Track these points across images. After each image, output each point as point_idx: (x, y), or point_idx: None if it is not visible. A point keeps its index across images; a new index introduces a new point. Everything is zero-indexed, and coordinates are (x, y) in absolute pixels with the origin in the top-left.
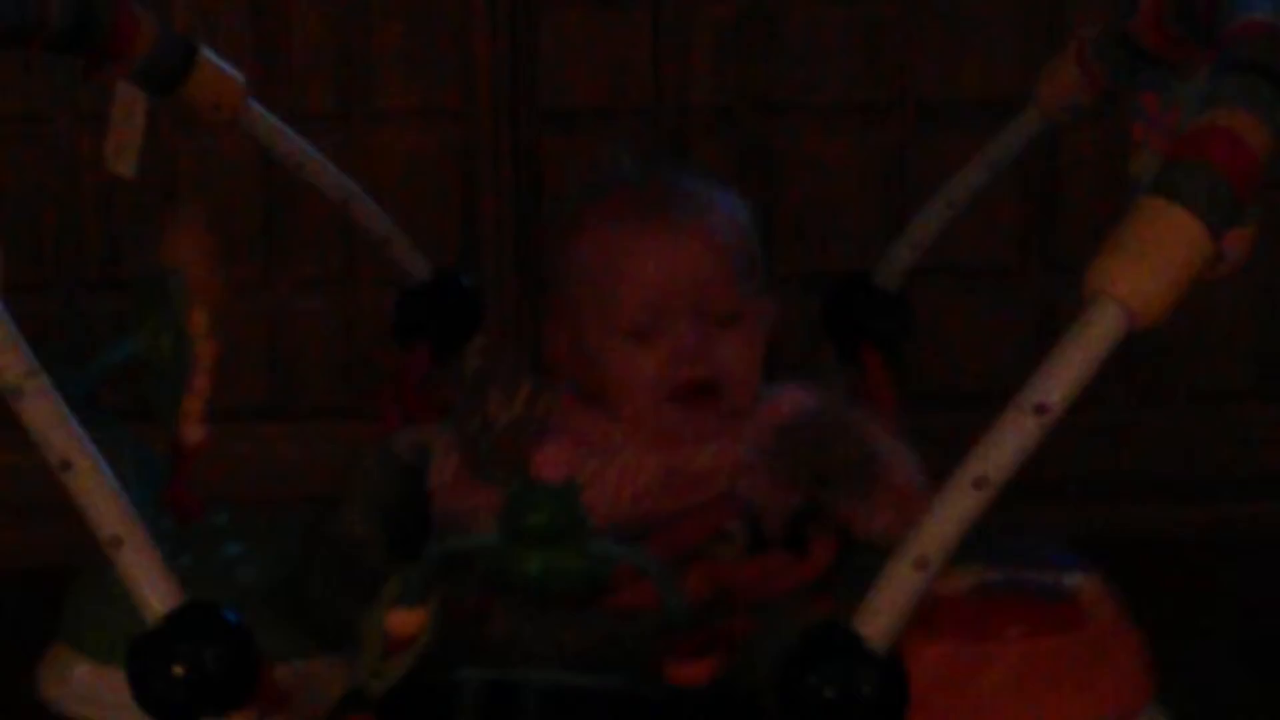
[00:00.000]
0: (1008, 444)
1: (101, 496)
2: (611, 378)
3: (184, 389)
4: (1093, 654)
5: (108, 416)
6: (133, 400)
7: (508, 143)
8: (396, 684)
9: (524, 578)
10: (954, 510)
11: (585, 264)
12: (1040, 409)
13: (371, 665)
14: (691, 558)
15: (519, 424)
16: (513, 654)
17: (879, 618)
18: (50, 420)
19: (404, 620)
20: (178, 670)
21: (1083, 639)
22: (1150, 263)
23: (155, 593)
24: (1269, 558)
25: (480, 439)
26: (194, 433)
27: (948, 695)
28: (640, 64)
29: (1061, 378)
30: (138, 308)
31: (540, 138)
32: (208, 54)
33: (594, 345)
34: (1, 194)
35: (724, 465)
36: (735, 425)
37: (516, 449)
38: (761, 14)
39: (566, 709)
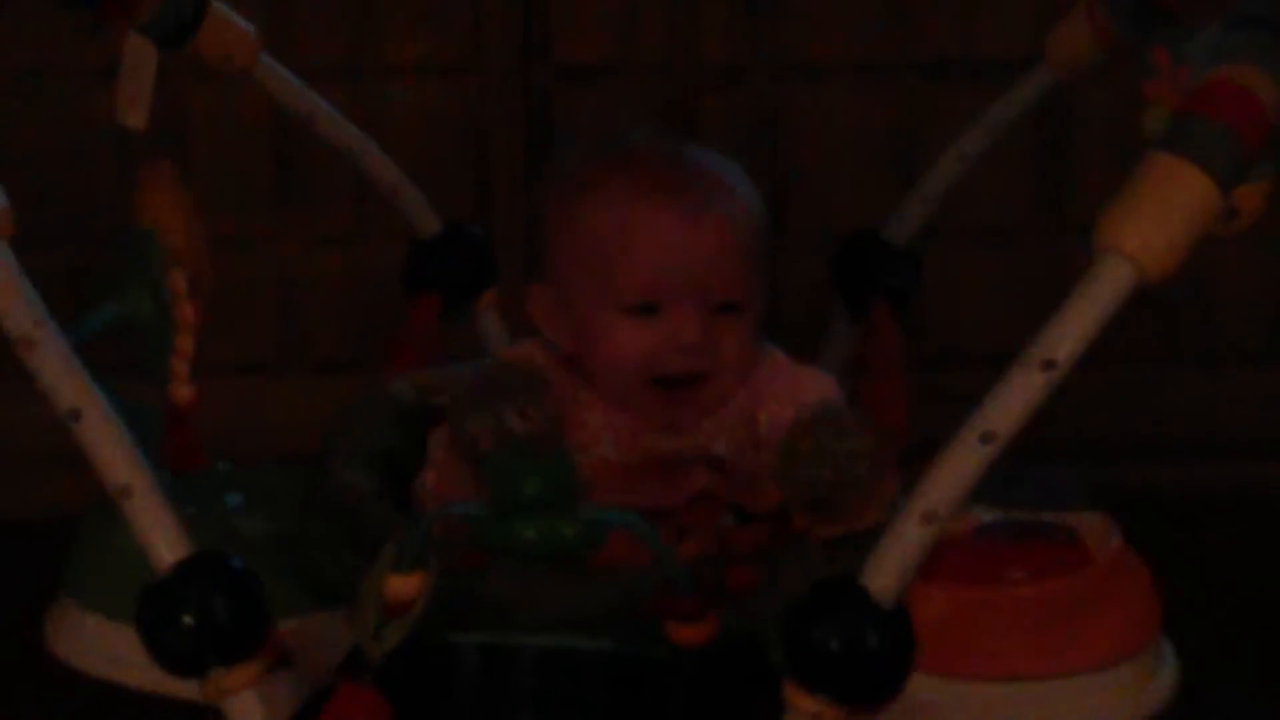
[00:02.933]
0: (1015, 399)
1: (111, 446)
2: (598, 351)
3: (169, 350)
4: (1099, 593)
5: (98, 381)
6: (127, 356)
7: (520, 97)
8: (395, 648)
9: (520, 546)
10: (961, 465)
11: (590, 229)
12: (1048, 364)
13: (370, 630)
14: (686, 530)
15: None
16: (511, 617)
17: (885, 572)
18: (60, 370)
19: (402, 585)
20: (188, 619)
21: (1088, 579)
22: (1159, 218)
23: (165, 542)
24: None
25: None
26: (182, 392)
27: (953, 639)
28: (652, 20)
29: (1069, 333)
30: (117, 269)
31: (553, 92)
32: (218, 6)
33: (584, 314)
34: (11, 148)
35: (701, 456)
36: (717, 415)
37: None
38: None
39: (565, 671)
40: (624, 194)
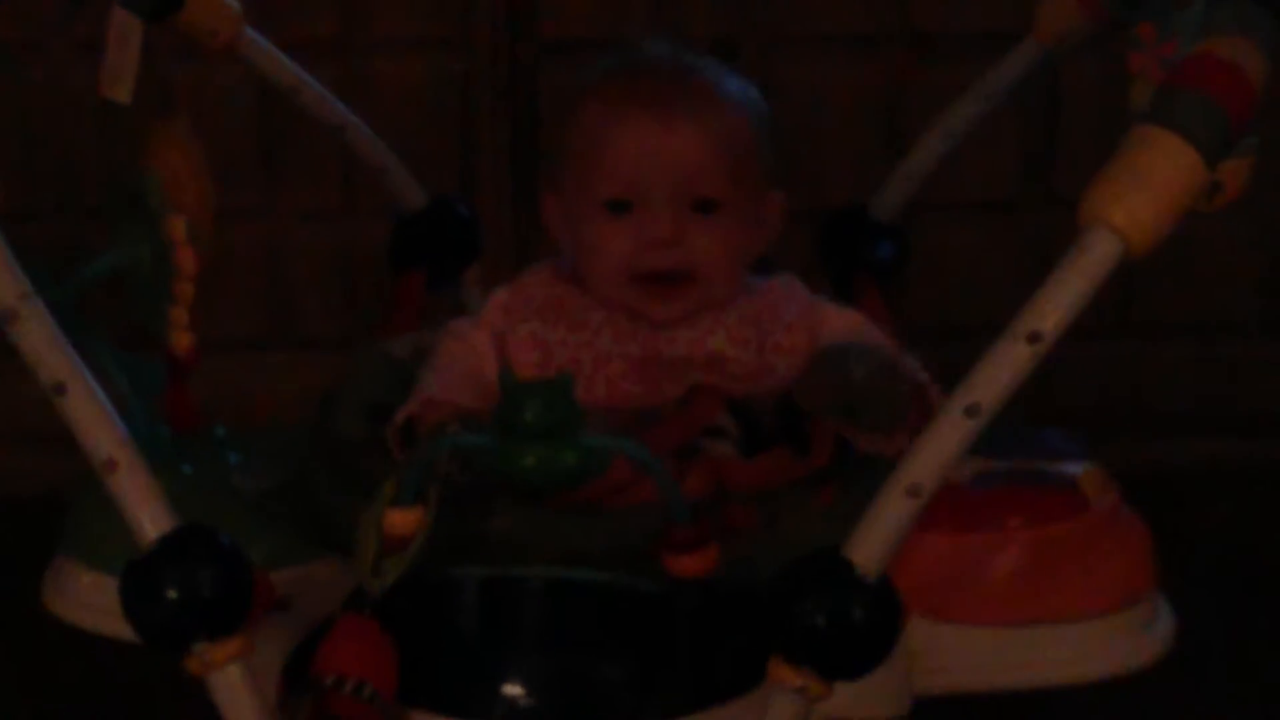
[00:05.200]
0: (1000, 372)
1: (95, 420)
2: (585, 250)
3: (168, 299)
4: (1095, 541)
5: (93, 331)
6: (123, 316)
7: (506, 73)
8: (395, 583)
9: (519, 473)
10: (947, 438)
11: (579, 132)
12: (1033, 337)
13: (370, 565)
14: (688, 454)
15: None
16: (511, 551)
17: (870, 544)
18: (44, 344)
19: (401, 520)
20: (170, 595)
21: (1085, 527)
22: (1144, 190)
23: (148, 516)
24: (1268, 492)
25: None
26: (182, 341)
27: (951, 585)
28: None
29: (1055, 305)
30: (115, 219)
31: (538, 68)
32: None
33: (575, 214)
34: None
35: (700, 351)
36: (716, 313)
37: None
38: None
39: (565, 604)
40: (611, 99)
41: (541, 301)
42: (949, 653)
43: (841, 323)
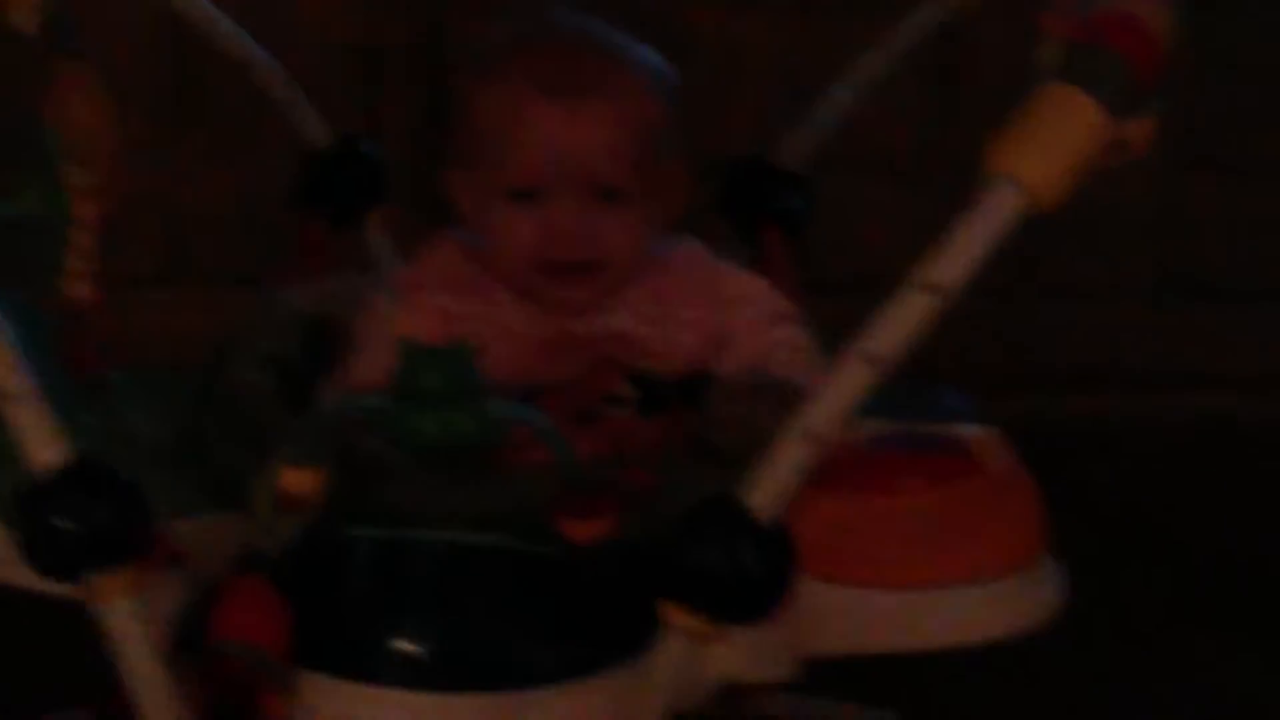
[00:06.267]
0: (900, 321)
1: None
2: (491, 235)
3: (64, 249)
4: (988, 504)
5: None
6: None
7: (414, 14)
8: (290, 543)
9: (419, 439)
10: (844, 384)
11: (482, 115)
12: (934, 288)
13: (265, 524)
14: (586, 419)
15: None
16: (407, 513)
17: (765, 489)
18: None
19: (298, 479)
20: (67, 525)
21: (977, 489)
22: (1050, 145)
23: (45, 446)
24: (1153, 452)
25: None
26: (80, 290)
27: (843, 547)
28: None
29: (957, 257)
30: (11, 167)
31: (446, 9)
32: None
33: (480, 197)
34: None
35: (604, 330)
36: (620, 291)
37: None
38: None
39: (459, 567)
40: (515, 82)
41: (446, 274)
42: (840, 615)
43: (742, 289)
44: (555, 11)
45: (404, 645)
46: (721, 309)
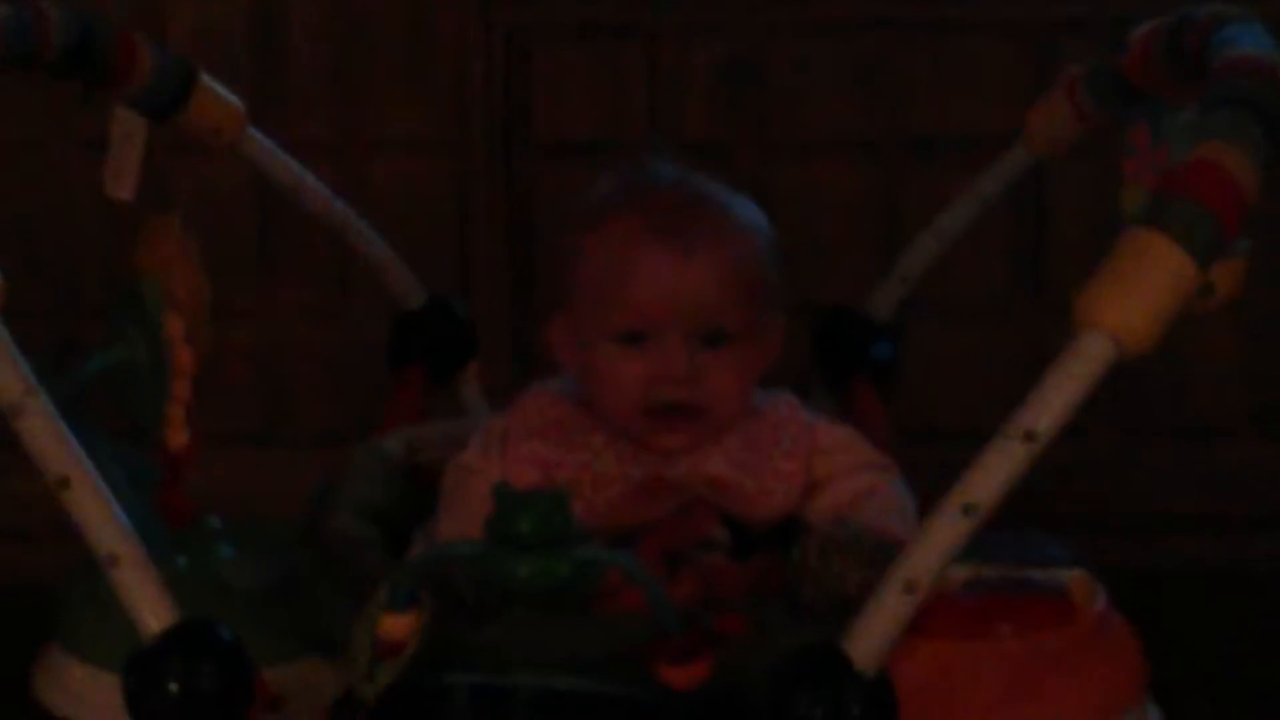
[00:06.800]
0: (996, 470)
1: (99, 514)
2: (595, 378)
3: (164, 397)
4: (1085, 649)
5: (93, 428)
6: (118, 412)
7: (502, 174)
8: (388, 688)
9: (512, 584)
10: (942, 536)
11: (592, 260)
12: (1029, 436)
13: (363, 670)
14: (679, 562)
15: None
16: (504, 658)
17: (868, 640)
18: (49, 438)
19: (395, 625)
20: (173, 688)
21: (1075, 634)
22: (1137, 293)
23: (151, 610)
24: (1259, 596)
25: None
26: (178, 438)
27: (941, 693)
28: (635, 98)
29: (1050, 406)
30: (115, 317)
31: (534, 169)
32: (207, 80)
33: (586, 343)
34: (2, 219)
35: (700, 476)
36: (717, 436)
37: None
38: (756, 50)
39: (558, 712)
40: (625, 228)
41: (541, 423)
42: None
43: (834, 438)
44: (655, 164)
45: None
46: (813, 458)
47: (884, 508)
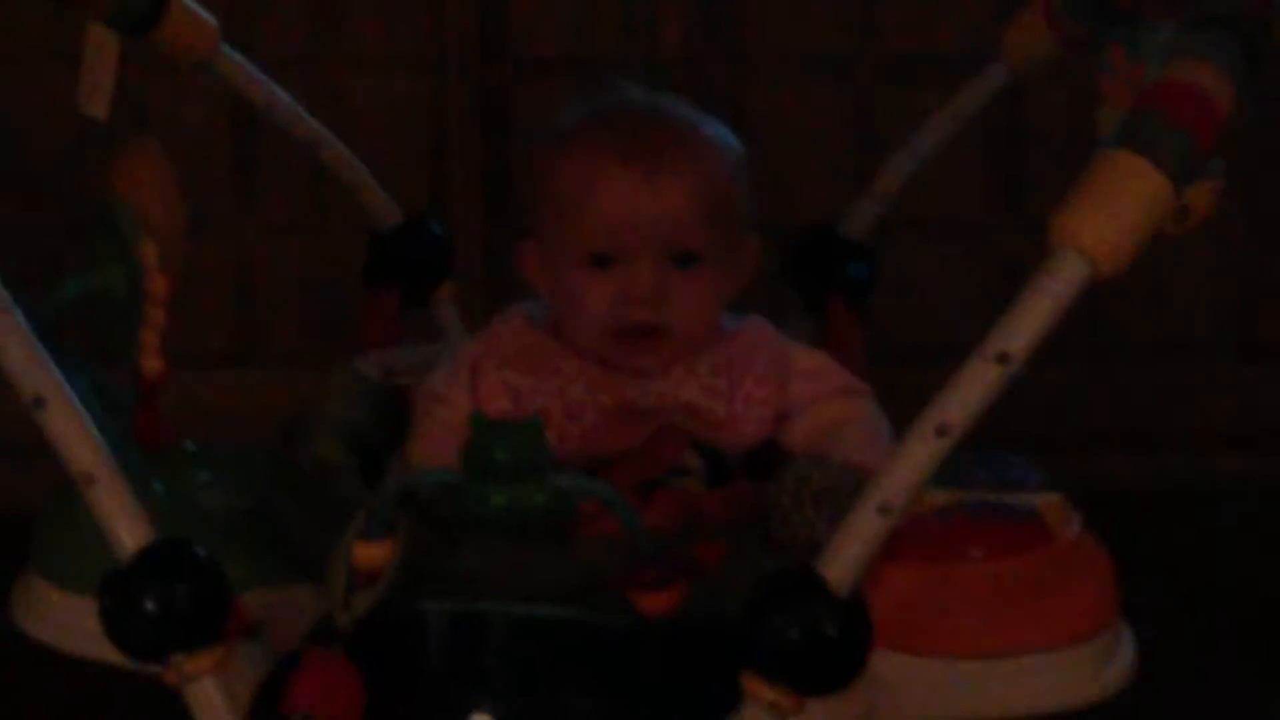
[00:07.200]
0: (970, 392)
1: (74, 433)
2: (565, 302)
3: (139, 322)
4: (1058, 573)
5: (69, 353)
6: (93, 337)
7: (477, 90)
8: (364, 616)
9: (488, 513)
10: (916, 457)
11: (560, 184)
12: (1003, 358)
13: (340, 598)
14: (653, 490)
15: None
16: (480, 586)
17: (842, 561)
18: (24, 357)
19: (369, 554)
20: (149, 607)
21: (1048, 558)
22: (1112, 213)
23: (127, 530)
24: (1227, 511)
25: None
26: (152, 365)
27: (913, 616)
28: (611, 14)
29: (1024, 327)
30: (90, 241)
31: (509, 86)
32: None
33: (555, 265)
34: None
35: (671, 402)
36: (688, 362)
37: None
38: None
39: (533, 640)
40: (592, 151)
41: (513, 350)
42: (911, 684)
43: (807, 363)
44: (626, 87)
45: (480, 717)
46: (787, 383)
47: (860, 439)
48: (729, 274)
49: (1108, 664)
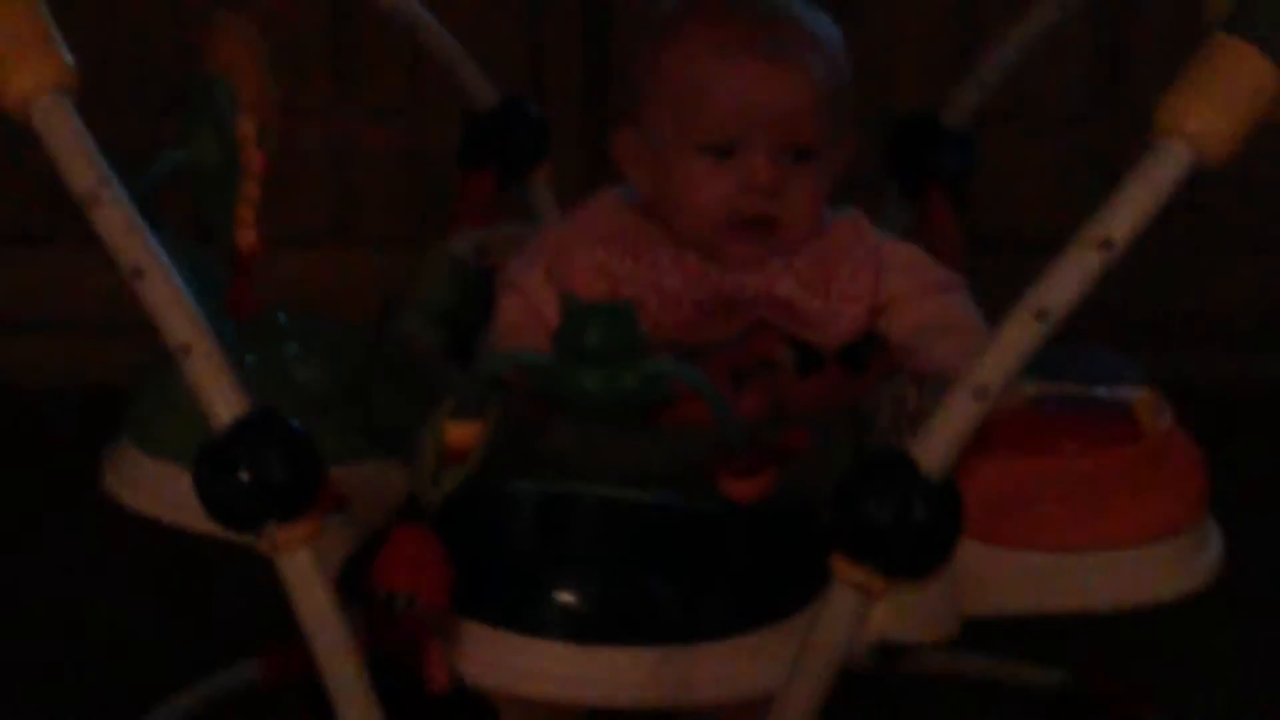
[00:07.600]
0: (1070, 277)
1: (172, 303)
2: (676, 189)
3: (235, 197)
4: (1149, 467)
5: (164, 227)
6: (189, 214)
7: None
8: (452, 495)
9: (580, 396)
10: (1014, 340)
11: (675, 71)
12: (1105, 244)
13: (428, 476)
14: (744, 379)
15: None
16: (568, 468)
17: (935, 445)
18: (124, 228)
19: (460, 432)
20: (244, 477)
21: (1139, 452)
22: (1220, 100)
23: (222, 400)
24: None
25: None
26: (247, 237)
27: (1002, 508)
28: None
29: (1126, 213)
30: (186, 117)
31: None
32: None
33: (665, 155)
34: (76, 11)
35: (767, 297)
36: (785, 256)
37: None
38: None
39: (621, 522)
40: (708, 39)
41: (607, 230)
42: (999, 576)
43: (902, 257)
44: None
45: (566, 598)
46: (881, 278)
47: (961, 346)
48: (833, 168)
49: (1194, 560)
